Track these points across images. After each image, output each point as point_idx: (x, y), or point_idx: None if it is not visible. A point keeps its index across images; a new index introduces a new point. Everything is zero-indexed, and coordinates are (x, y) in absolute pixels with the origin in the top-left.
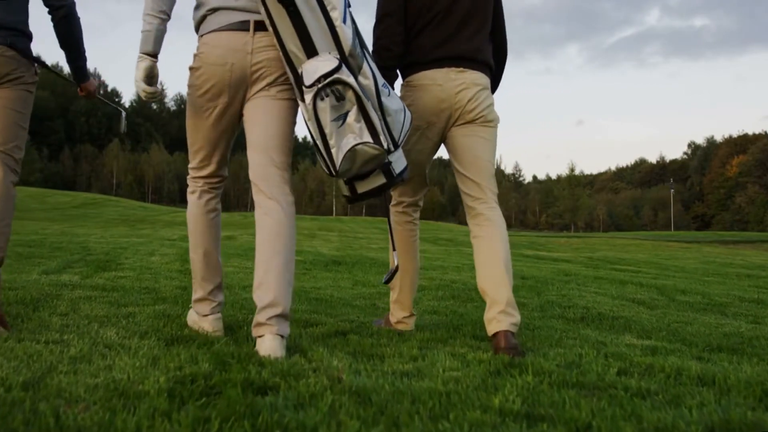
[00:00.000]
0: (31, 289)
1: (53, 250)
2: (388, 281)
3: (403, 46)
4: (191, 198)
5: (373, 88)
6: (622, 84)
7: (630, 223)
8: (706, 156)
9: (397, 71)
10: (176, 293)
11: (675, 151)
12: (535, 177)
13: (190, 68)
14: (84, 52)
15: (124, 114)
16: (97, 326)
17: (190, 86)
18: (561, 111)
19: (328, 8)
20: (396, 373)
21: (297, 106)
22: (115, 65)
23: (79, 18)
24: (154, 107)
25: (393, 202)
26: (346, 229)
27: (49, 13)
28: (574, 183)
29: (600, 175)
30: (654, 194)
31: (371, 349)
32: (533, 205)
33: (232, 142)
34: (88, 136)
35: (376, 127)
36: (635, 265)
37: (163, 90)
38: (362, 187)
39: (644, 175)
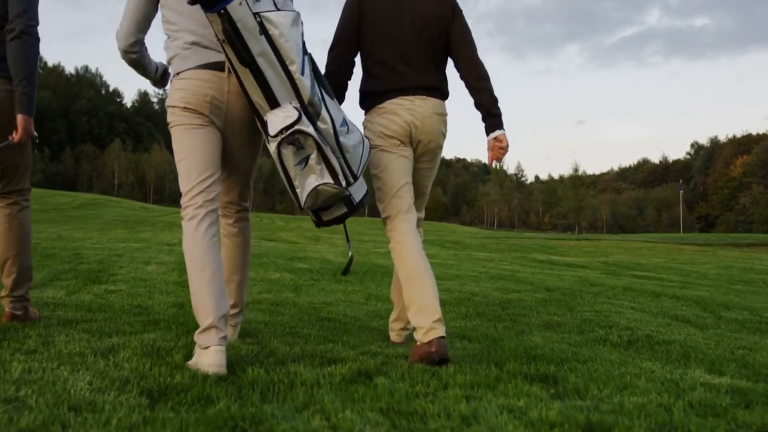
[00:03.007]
0: (4, 313)
1: (43, 258)
2: (345, 272)
3: (350, 73)
4: (189, 226)
5: (331, 131)
6: (622, 84)
7: (633, 224)
8: (709, 156)
9: (344, 96)
10: (170, 314)
11: (677, 151)
12: (537, 177)
13: (170, 105)
14: (32, 82)
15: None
16: (66, 372)
17: (171, 114)
18: (561, 111)
19: (287, 62)
20: None
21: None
22: (116, 65)
23: (34, 44)
24: (156, 108)
25: (389, 224)
26: (349, 230)
27: (5, 34)
28: (578, 183)
29: (602, 175)
30: (657, 194)
31: (408, 403)
32: (536, 206)
33: (218, 156)
34: (89, 136)
35: (335, 169)
36: (655, 271)
37: (164, 95)
38: (326, 216)
39: (647, 176)
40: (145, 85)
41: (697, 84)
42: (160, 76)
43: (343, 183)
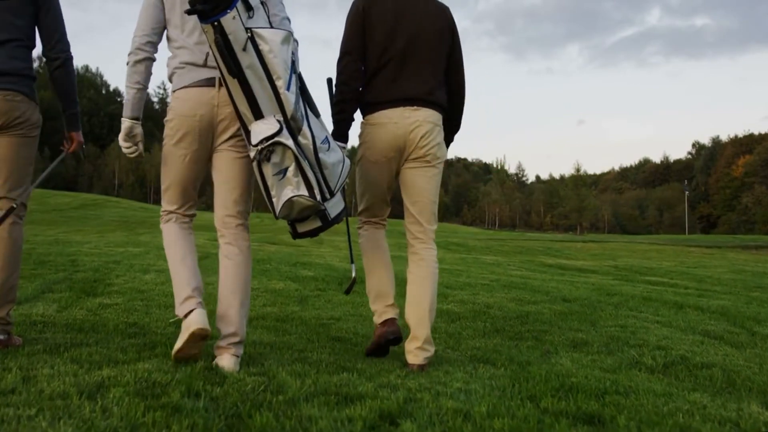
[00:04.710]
0: None
1: (37, 266)
2: (347, 292)
3: (361, 81)
4: (166, 225)
5: (311, 147)
6: (623, 84)
7: (635, 224)
8: (711, 156)
9: (356, 103)
10: (168, 334)
11: (678, 151)
12: (538, 177)
13: (165, 121)
14: (77, 101)
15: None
16: (45, 423)
17: (165, 136)
18: (562, 111)
19: (274, 77)
20: None
21: None
22: (115, 65)
23: (74, 69)
24: (156, 107)
25: (362, 222)
26: (353, 231)
27: (46, 62)
28: (580, 183)
29: (604, 175)
30: (659, 194)
31: None
32: (537, 206)
33: (198, 184)
34: (90, 136)
35: (311, 182)
36: (667, 276)
37: (165, 95)
38: (302, 228)
39: (648, 175)
40: None
41: (698, 84)
42: (136, 135)
43: (318, 197)
